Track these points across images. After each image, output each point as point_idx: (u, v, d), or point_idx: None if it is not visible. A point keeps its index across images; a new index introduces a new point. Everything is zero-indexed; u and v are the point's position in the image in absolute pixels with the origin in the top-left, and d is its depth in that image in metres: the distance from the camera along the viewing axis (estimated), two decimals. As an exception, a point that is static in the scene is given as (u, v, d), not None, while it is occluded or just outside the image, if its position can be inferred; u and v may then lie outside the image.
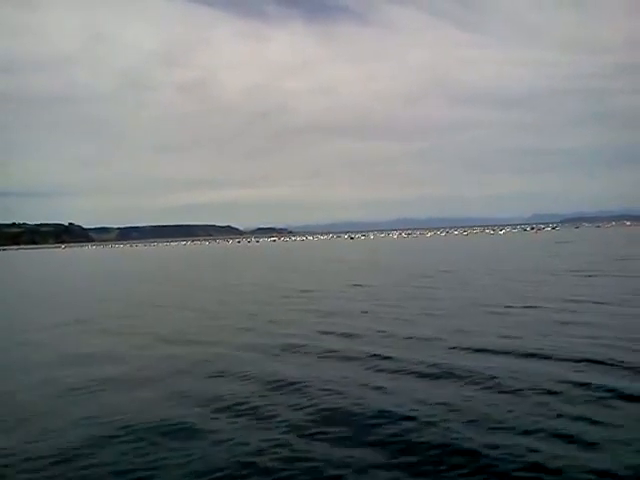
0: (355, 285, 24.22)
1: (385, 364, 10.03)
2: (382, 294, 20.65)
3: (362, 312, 16.28)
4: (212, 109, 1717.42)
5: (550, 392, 8.00)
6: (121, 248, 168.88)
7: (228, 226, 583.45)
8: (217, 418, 7.61)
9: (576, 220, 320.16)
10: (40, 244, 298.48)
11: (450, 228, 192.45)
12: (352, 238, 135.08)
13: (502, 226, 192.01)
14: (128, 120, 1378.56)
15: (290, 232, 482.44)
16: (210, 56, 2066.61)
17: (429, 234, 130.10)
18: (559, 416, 7.09)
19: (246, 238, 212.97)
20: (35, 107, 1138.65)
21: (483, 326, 13.31)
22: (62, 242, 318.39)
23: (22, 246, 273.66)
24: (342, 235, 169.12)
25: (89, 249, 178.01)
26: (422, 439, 6.57)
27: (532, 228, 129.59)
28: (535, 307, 15.71)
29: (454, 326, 13.24)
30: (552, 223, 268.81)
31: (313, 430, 7.00)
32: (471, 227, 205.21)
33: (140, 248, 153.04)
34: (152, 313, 18.89)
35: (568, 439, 6.39)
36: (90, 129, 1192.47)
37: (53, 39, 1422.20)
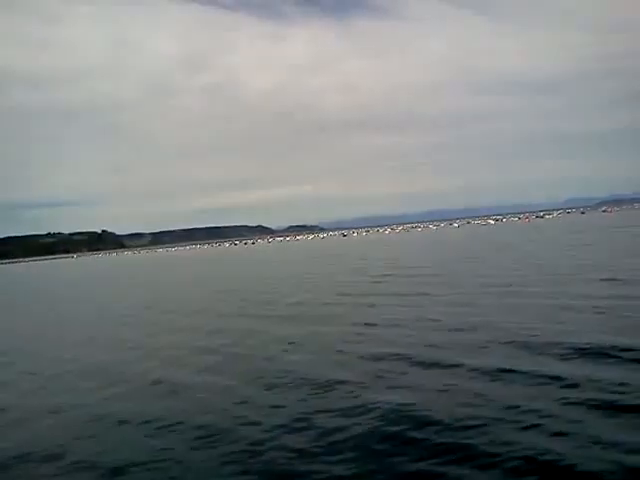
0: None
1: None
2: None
3: None
4: (236, 111, 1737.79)
5: None
6: (125, 255, 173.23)
7: (260, 226, 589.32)
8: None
9: (612, 202, 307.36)
10: (74, 253, 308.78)
11: (461, 219, 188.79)
12: (345, 235, 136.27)
13: (517, 214, 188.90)
14: (154, 126, 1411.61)
15: (322, 229, 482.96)
16: (231, 59, 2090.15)
17: (420, 229, 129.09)
18: None
19: (277, 236, 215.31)
20: (63, 120, 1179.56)
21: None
22: (97, 250, 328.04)
23: (56, 255, 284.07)
24: (356, 231, 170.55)
25: (99, 257, 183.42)
26: None
27: (526, 217, 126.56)
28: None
29: None
30: (585, 207, 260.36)
31: None
32: (485, 217, 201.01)
33: (153, 254, 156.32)
34: None
35: None
36: (118, 138, 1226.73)
37: (77, 52, 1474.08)
